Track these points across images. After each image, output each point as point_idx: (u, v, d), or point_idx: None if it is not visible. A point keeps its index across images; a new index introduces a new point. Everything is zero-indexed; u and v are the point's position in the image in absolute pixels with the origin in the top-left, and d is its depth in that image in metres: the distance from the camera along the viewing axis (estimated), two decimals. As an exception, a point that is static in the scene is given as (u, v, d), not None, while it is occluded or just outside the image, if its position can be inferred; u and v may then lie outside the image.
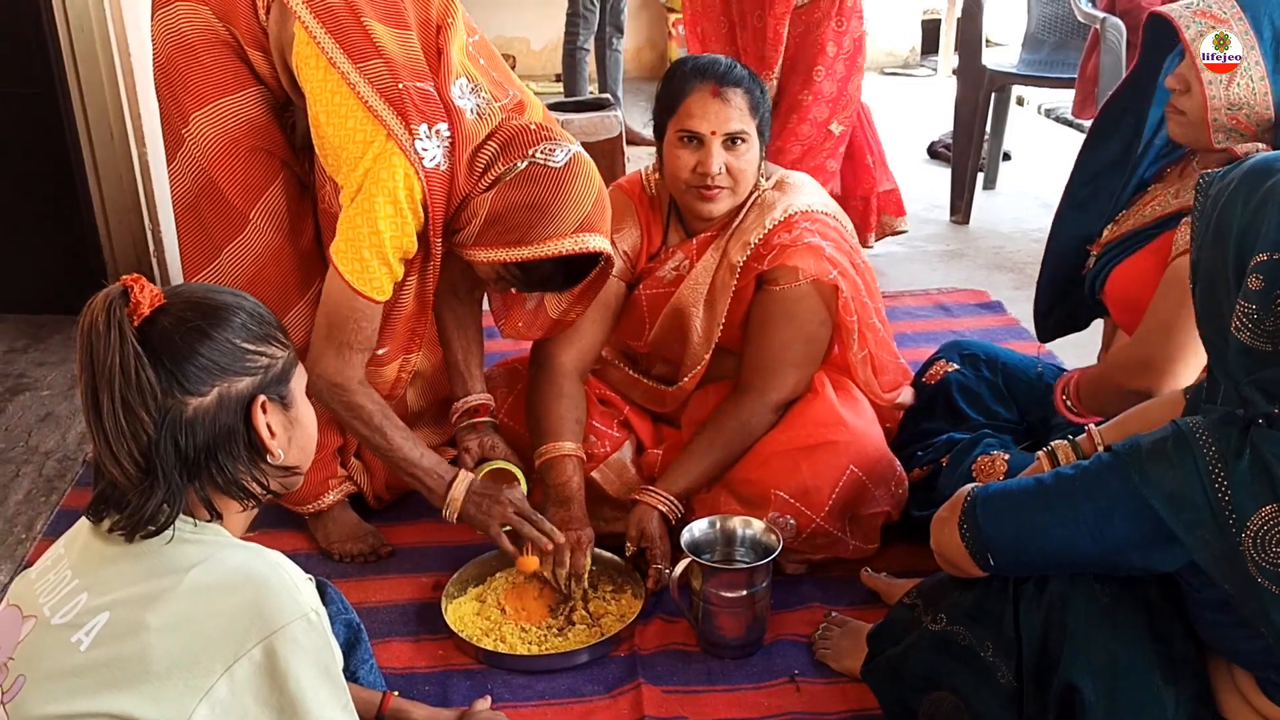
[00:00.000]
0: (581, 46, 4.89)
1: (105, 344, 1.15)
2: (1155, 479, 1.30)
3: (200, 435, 1.19)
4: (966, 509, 1.47)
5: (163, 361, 1.17)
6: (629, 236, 2.16)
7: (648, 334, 2.18)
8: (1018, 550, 1.44)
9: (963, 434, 2.11)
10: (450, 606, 2.00)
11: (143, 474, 1.17)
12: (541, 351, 2.13)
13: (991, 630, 1.51)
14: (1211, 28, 1.76)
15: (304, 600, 1.17)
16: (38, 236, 3.23)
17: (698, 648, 1.92)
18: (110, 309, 1.16)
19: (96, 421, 1.17)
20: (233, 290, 1.29)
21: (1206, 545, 1.27)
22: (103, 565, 1.19)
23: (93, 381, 1.16)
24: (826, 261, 2.01)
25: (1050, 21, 4.18)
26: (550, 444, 2.05)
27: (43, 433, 2.67)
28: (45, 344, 3.12)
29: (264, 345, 1.25)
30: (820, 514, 1.96)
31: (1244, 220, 1.25)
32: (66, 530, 2.25)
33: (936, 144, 4.96)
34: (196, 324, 1.20)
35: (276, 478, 1.28)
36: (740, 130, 1.99)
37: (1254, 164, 1.30)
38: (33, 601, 1.20)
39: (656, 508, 2.02)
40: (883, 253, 3.82)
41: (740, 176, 2.02)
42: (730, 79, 1.99)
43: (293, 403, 1.29)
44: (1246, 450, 1.24)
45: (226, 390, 1.21)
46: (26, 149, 3.14)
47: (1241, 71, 1.74)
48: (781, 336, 2.05)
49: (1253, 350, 1.23)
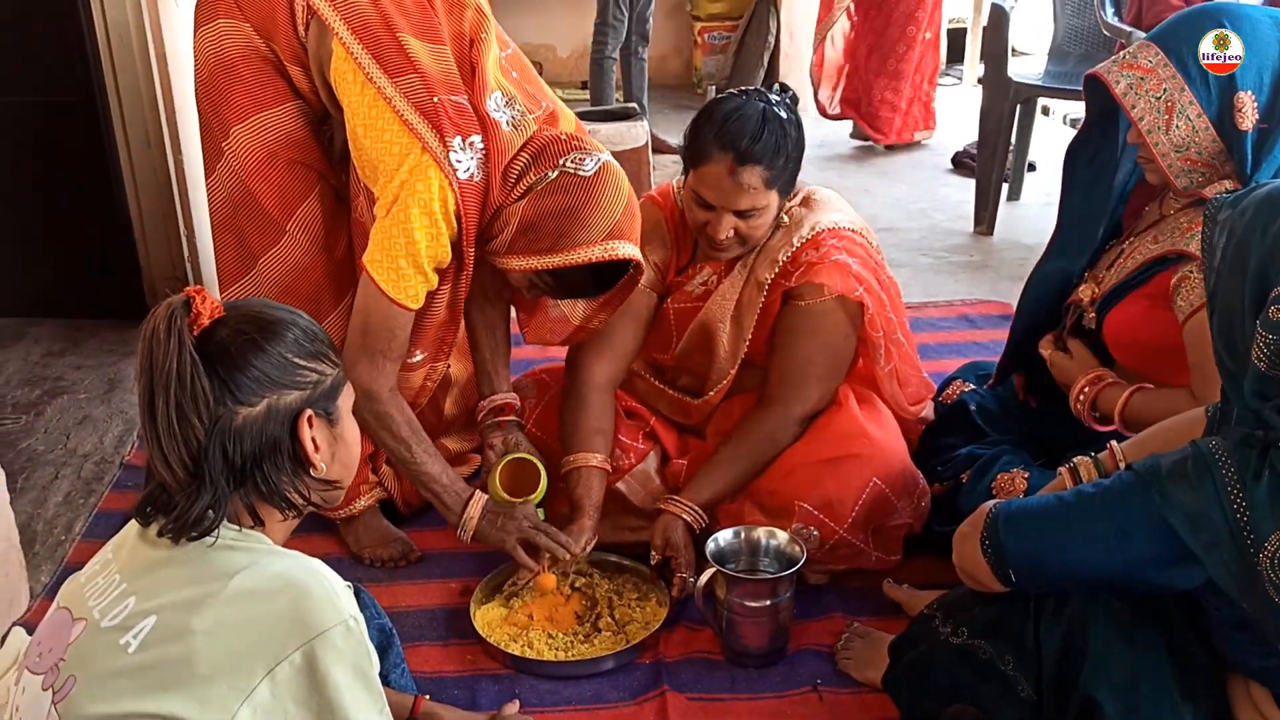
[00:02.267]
0: (609, 56, 4.93)
1: (164, 350, 1.20)
2: (1175, 499, 1.32)
3: (248, 444, 1.24)
4: (989, 525, 1.49)
5: (217, 370, 1.22)
6: (659, 249, 2.18)
7: (674, 347, 2.21)
8: (1039, 567, 1.47)
9: (982, 449, 2.13)
10: (479, 612, 2.03)
11: (191, 477, 1.21)
12: (575, 363, 2.17)
13: (1012, 644, 1.53)
14: (1140, 79, 1.80)
15: (343, 607, 1.21)
16: (76, 242, 3.30)
17: (722, 656, 1.95)
18: (172, 317, 1.21)
19: (150, 423, 1.22)
20: (289, 308, 1.33)
21: (1225, 565, 1.29)
22: (150, 569, 1.23)
23: (150, 385, 1.21)
24: (853, 278, 2.04)
25: (1076, 33, 4.19)
26: (576, 454, 2.09)
27: (80, 435, 2.73)
28: (82, 348, 3.18)
29: (315, 361, 1.30)
30: (843, 525, 1.98)
31: (1263, 250, 1.27)
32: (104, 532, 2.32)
33: (961, 154, 4.97)
34: (252, 336, 1.25)
35: (318, 490, 1.33)
36: (751, 207, 1.98)
37: (1270, 193, 1.32)
38: (82, 604, 1.25)
39: (681, 517, 2.06)
40: (907, 263, 3.84)
41: (750, 236, 2.04)
42: (750, 156, 1.93)
43: (338, 419, 1.34)
44: (1265, 472, 1.26)
45: (275, 402, 1.25)
46: (66, 157, 3.21)
47: (1177, 114, 1.77)
48: (806, 350, 2.07)
49: (1272, 377, 1.25)
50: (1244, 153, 1.77)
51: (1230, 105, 1.76)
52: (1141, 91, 1.81)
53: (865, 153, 5.28)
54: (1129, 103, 1.81)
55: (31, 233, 3.29)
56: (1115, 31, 3.56)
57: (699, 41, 6.42)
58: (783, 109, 2.00)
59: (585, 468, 2.07)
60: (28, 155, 3.20)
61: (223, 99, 2.00)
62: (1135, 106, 1.81)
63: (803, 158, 2.05)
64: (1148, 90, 1.80)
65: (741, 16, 6.35)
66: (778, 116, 1.98)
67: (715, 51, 6.42)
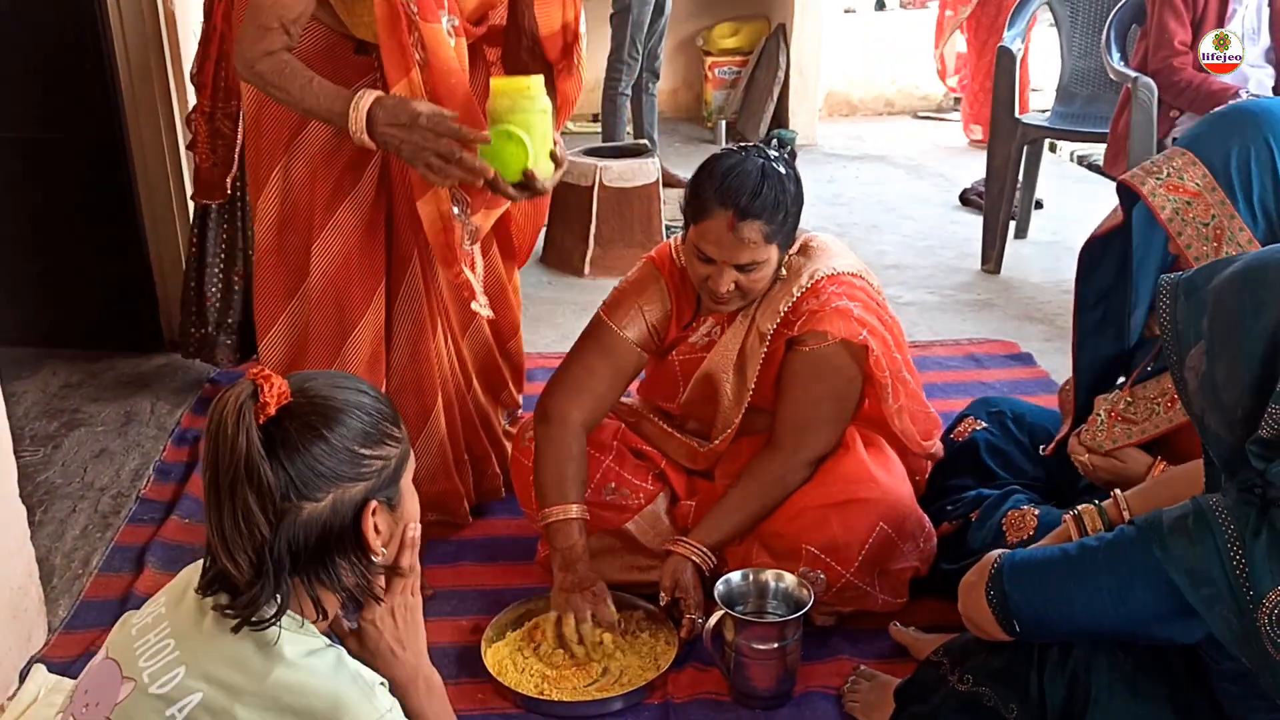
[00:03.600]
0: (623, 92, 4.99)
1: (232, 446, 1.19)
2: (1175, 554, 1.34)
3: (312, 537, 1.24)
4: (993, 577, 1.52)
5: (284, 466, 1.21)
6: (658, 307, 2.20)
7: (681, 396, 2.24)
8: (1042, 619, 1.49)
9: (991, 490, 2.15)
10: (490, 650, 2.06)
11: (256, 572, 1.21)
12: (550, 406, 2.17)
13: (1017, 692, 1.55)
14: (1187, 204, 1.73)
15: (380, 703, 1.23)
16: (95, 275, 3.34)
17: (729, 697, 1.97)
18: (241, 412, 1.19)
19: (216, 519, 1.21)
20: (355, 382, 1.32)
21: (1224, 620, 1.31)
22: (203, 640, 1.24)
23: (215, 479, 1.20)
24: (855, 323, 2.06)
25: (1083, 75, 4.24)
26: (557, 506, 2.08)
27: (97, 469, 2.76)
28: (99, 380, 3.22)
29: (379, 448, 1.28)
30: (850, 569, 2.01)
31: (1264, 327, 1.27)
32: (121, 565, 2.35)
33: (969, 191, 5.01)
34: (318, 429, 1.23)
35: (379, 575, 1.33)
36: (751, 261, 2.01)
37: (1247, 272, 1.32)
38: (132, 662, 1.26)
39: (690, 558, 2.08)
40: (914, 301, 3.88)
41: (751, 290, 2.07)
42: (750, 211, 1.96)
43: (400, 502, 1.33)
44: (1265, 530, 1.28)
45: (340, 495, 1.25)
46: (87, 192, 3.26)
47: (1226, 240, 1.71)
48: (812, 394, 2.10)
49: (1275, 442, 1.27)
50: None
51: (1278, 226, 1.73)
52: (1189, 219, 1.74)
53: (874, 190, 5.32)
54: (1175, 229, 1.74)
55: (52, 265, 3.34)
56: (1120, 76, 3.61)
57: (710, 76, 6.49)
58: (781, 164, 2.03)
59: (568, 520, 2.07)
60: (49, 190, 3.25)
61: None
62: (1182, 234, 1.74)
63: (801, 211, 2.08)
64: (1194, 217, 1.73)
65: (752, 52, 6.43)
66: (776, 172, 2.01)
67: (726, 86, 6.50)
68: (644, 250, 3.47)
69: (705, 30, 6.55)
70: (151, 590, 2.24)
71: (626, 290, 2.22)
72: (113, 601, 2.24)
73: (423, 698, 1.42)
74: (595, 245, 4.12)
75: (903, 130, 6.67)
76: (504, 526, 2.50)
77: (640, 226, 4.13)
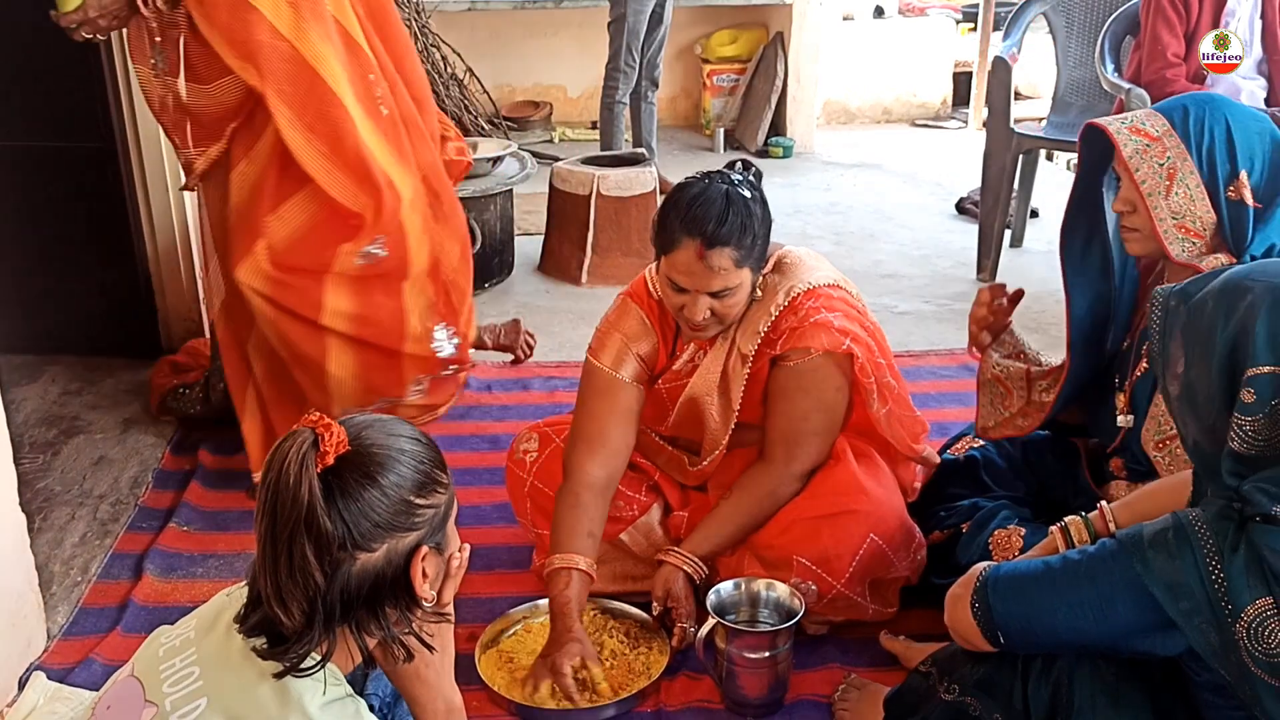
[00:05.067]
0: (620, 101, 5.01)
1: (293, 498, 1.19)
2: (1156, 568, 1.37)
3: (365, 587, 1.25)
4: (979, 589, 1.54)
5: (342, 517, 1.21)
6: (645, 342, 2.20)
7: (669, 420, 2.26)
8: (1026, 631, 1.51)
9: (985, 502, 2.17)
10: (483, 658, 2.08)
11: (306, 622, 1.22)
12: (568, 461, 2.17)
13: (1001, 702, 1.57)
14: (1147, 145, 1.87)
15: None
16: (94, 282, 3.36)
17: (721, 705, 1.99)
18: (304, 463, 1.20)
19: (271, 567, 1.21)
20: (406, 428, 1.32)
21: (1204, 634, 1.33)
22: (230, 674, 1.25)
23: (272, 528, 1.21)
24: (837, 333, 2.07)
25: (1078, 85, 4.27)
26: (559, 554, 2.07)
27: (97, 476, 2.78)
28: (98, 387, 3.24)
29: (431, 496, 1.29)
30: (841, 580, 2.03)
31: (1228, 336, 1.32)
32: (120, 573, 2.37)
33: (965, 200, 5.02)
34: (376, 479, 1.24)
35: (429, 621, 1.34)
36: (724, 288, 2.01)
37: (1225, 283, 1.36)
38: (157, 686, 1.26)
39: (682, 568, 2.10)
40: (910, 310, 3.90)
41: (726, 315, 2.06)
42: (718, 239, 1.95)
43: (446, 545, 1.34)
44: (1242, 545, 1.31)
45: (394, 545, 1.26)
46: (85, 198, 3.28)
47: (1178, 181, 1.85)
48: (800, 408, 2.12)
49: (1247, 457, 1.30)
50: (1243, 227, 1.85)
51: (1229, 179, 1.84)
52: (1147, 157, 1.88)
53: (871, 199, 5.34)
54: (1134, 165, 1.88)
55: (51, 272, 3.35)
56: (1114, 87, 3.63)
57: (708, 84, 6.51)
58: (745, 188, 2.02)
59: (572, 569, 2.05)
60: (49, 198, 3.27)
61: None
62: (1139, 170, 1.88)
63: (770, 232, 2.07)
64: (1152, 156, 1.87)
65: (751, 60, 6.45)
66: (741, 196, 2.00)
67: (724, 94, 6.52)
68: (641, 260, 3.50)
69: (703, 38, 6.57)
70: (150, 598, 2.28)
71: (610, 331, 2.21)
72: (111, 609, 2.26)
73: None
74: (593, 254, 4.13)
75: (900, 138, 6.69)
76: (499, 535, 2.52)
77: (638, 235, 4.15)
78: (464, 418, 3.11)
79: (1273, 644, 1.28)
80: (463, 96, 6.37)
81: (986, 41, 6.37)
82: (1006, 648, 1.54)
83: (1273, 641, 1.28)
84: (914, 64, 7.03)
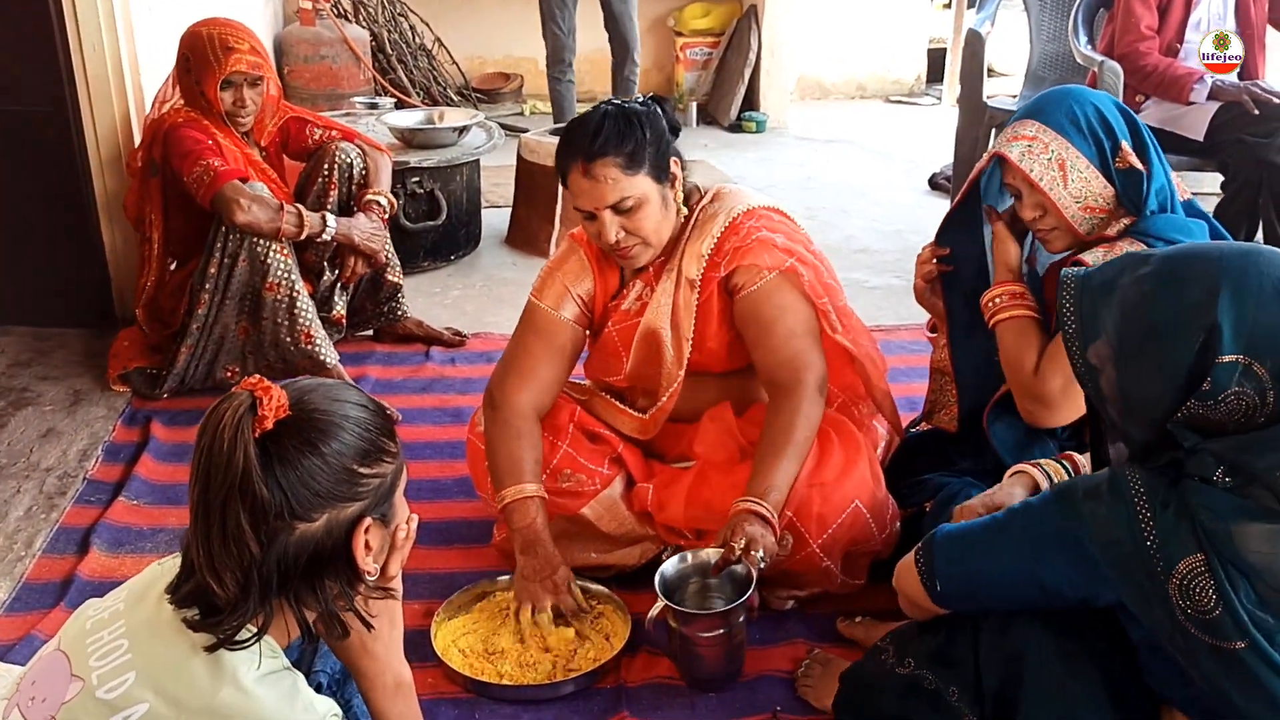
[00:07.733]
0: (556, 76, 5.16)
1: (227, 463, 1.14)
2: (1089, 520, 1.37)
3: (303, 558, 1.19)
4: (924, 543, 1.57)
5: (279, 484, 1.16)
6: (584, 282, 2.18)
7: (625, 366, 2.21)
8: (964, 578, 1.52)
9: (949, 478, 2.14)
10: (440, 633, 2.03)
11: (241, 592, 1.17)
12: (497, 392, 2.14)
13: (956, 675, 1.57)
14: (1029, 146, 1.95)
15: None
16: (45, 250, 3.28)
17: (681, 681, 1.95)
18: (239, 426, 1.14)
19: (203, 534, 1.16)
20: (353, 393, 1.27)
21: (1137, 587, 1.34)
22: (158, 643, 1.20)
23: (205, 495, 1.16)
24: (780, 251, 2.05)
25: (1051, 59, 4.23)
26: (512, 486, 2.05)
27: (44, 449, 2.70)
28: (49, 358, 3.16)
29: (376, 465, 1.24)
30: (818, 540, 1.98)
31: (1179, 325, 1.29)
32: (65, 547, 2.31)
33: (938, 175, 5.01)
34: (317, 446, 1.19)
35: (372, 596, 1.29)
36: (622, 199, 1.98)
37: (1159, 273, 1.33)
38: (83, 660, 1.21)
39: (753, 511, 1.91)
40: (881, 285, 3.86)
41: (645, 232, 2.03)
42: (594, 152, 1.95)
43: (393, 518, 1.29)
44: (1173, 502, 1.31)
45: (335, 516, 1.21)
46: (37, 165, 3.19)
47: (1069, 168, 1.93)
48: (781, 330, 2.06)
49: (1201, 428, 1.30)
50: (1138, 189, 1.92)
51: (1114, 152, 1.93)
52: (1034, 156, 1.94)
53: (844, 174, 5.31)
54: (1026, 166, 1.93)
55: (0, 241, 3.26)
56: (1087, 60, 3.60)
57: (681, 57, 6.45)
58: (631, 105, 2.03)
59: (524, 499, 2.04)
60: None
61: None
62: (1033, 169, 1.94)
63: (665, 138, 2.04)
64: (1038, 154, 1.94)
65: (724, 33, 6.39)
66: (619, 109, 2.01)
67: (697, 67, 6.46)
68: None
69: (676, 11, 6.50)
70: (96, 573, 2.21)
71: (551, 270, 2.21)
72: (55, 584, 2.19)
73: (388, 696, 1.39)
74: (561, 226, 4.07)
75: (874, 114, 6.66)
76: (458, 509, 2.47)
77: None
78: (426, 390, 3.06)
79: (1203, 601, 1.28)
80: (431, 67, 6.28)
81: (961, 18, 6.33)
82: (944, 600, 1.55)
83: (1203, 599, 1.28)
84: (889, 40, 6.99)
